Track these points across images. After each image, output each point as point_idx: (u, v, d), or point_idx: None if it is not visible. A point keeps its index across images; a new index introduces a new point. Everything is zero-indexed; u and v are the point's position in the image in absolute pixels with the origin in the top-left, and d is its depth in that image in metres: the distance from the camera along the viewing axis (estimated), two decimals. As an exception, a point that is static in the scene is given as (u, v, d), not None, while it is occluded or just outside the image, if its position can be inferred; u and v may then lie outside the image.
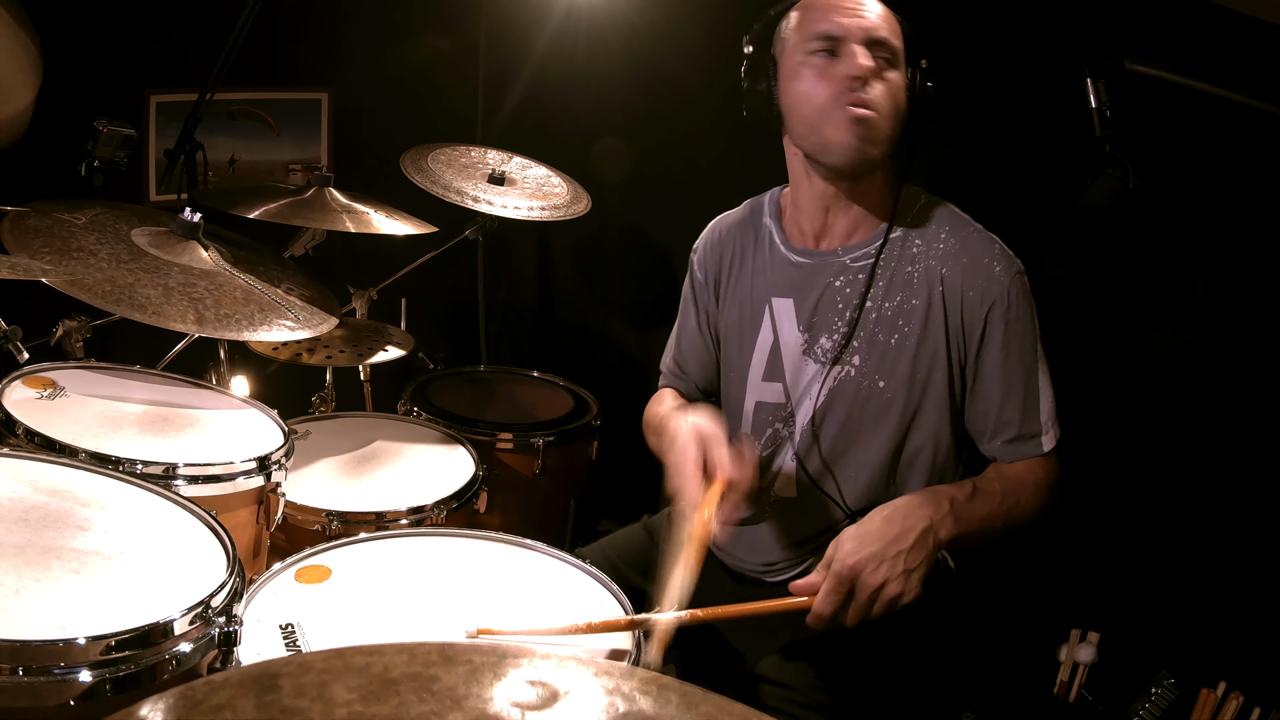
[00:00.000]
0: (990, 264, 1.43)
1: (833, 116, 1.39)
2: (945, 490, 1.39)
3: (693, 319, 1.72)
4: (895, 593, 1.26)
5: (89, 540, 1.20)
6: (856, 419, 1.50)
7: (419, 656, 0.56)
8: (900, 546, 1.28)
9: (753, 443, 1.56)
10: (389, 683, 0.54)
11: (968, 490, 1.40)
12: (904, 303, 1.46)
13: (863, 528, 1.31)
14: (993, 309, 1.42)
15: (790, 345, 1.55)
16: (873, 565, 1.26)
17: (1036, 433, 1.46)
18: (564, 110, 2.96)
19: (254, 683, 0.53)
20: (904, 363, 1.46)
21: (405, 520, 1.77)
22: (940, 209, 1.50)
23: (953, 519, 1.33)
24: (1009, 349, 1.43)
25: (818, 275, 1.52)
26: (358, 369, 2.38)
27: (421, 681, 0.54)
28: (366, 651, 0.56)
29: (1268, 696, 1.77)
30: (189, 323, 1.52)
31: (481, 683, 0.55)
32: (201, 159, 2.18)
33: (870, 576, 1.26)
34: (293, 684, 0.53)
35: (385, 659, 0.55)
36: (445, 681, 0.54)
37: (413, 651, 0.56)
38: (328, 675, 0.53)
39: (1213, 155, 1.84)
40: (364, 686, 0.53)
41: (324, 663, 0.55)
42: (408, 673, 0.54)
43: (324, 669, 0.54)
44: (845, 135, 1.39)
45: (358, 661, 0.55)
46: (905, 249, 1.47)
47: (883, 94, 1.39)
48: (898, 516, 1.31)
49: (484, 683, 0.55)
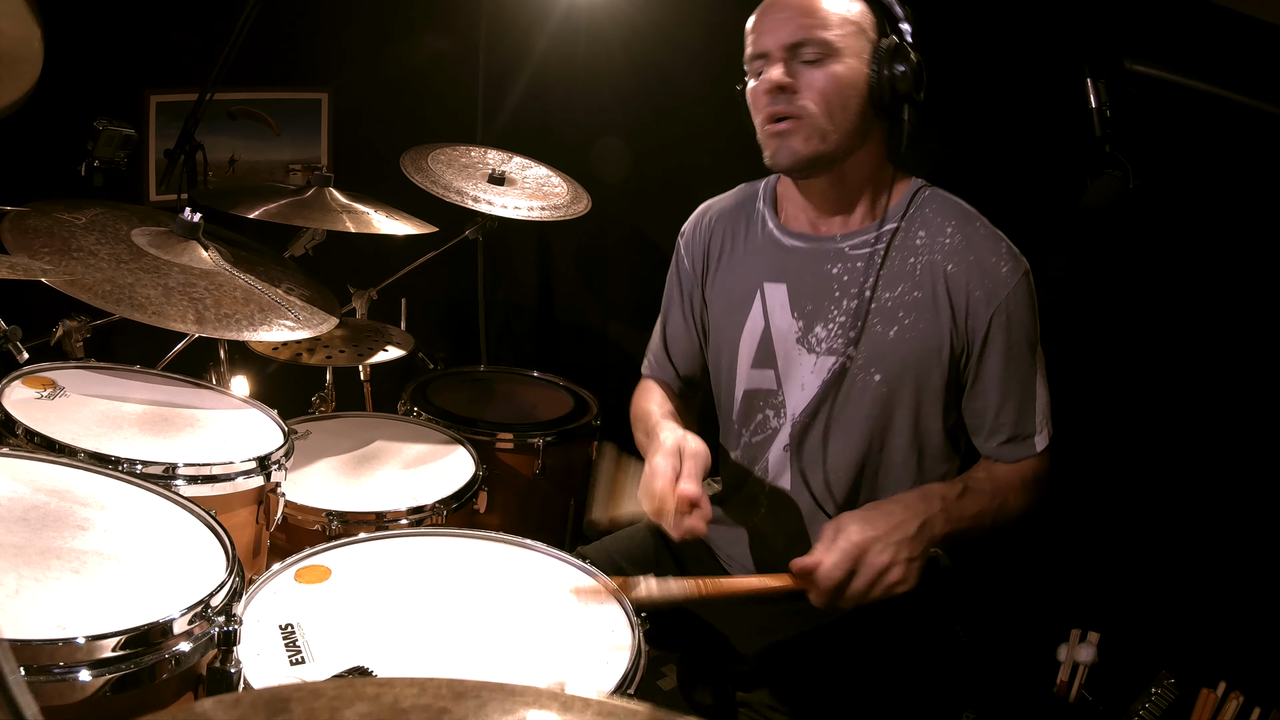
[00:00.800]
0: (998, 264, 1.41)
1: (763, 133, 1.44)
2: (937, 489, 1.40)
3: (678, 307, 1.70)
4: (896, 578, 1.27)
5: (89, 540, 1.20)
6: (851, 410, 1.48)
7: (429, 690, 0.57)
8: (902, 534, 1.29)
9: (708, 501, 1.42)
10: (399, 712, 0.55)
11: (958, 489, 1.41)
12: (905, 294, 1.44)
13: (866, 513, 1.32)
14: (998, 311, 1.41)
15: (782, 331, 1.53)
16: (879, 546, 1.27)
17: (1031, 434, 1.46)
18: (564, 110, 2.96)
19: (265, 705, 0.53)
20: (902, 354, 1.44)
21: (405, 520, 1.77)
22: (945, 201, 1.48)
23: (945, 516, 1.34)
24: (1011, 352, 1.43)
25: (813, 261, 1.51)
26: (358, 369, 2.38)
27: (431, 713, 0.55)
28: (378, 683, 0.58)
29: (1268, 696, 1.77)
30: (189, 323, 1.52)
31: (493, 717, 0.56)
32: (201, 159, 2.18)
33: (876, 557, 1.27)
34: (303, 708, 0.53)
35: (396, 690, 0.57)
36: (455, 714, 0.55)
37: (423, 685, 0.57)
38: (339, 702, 0.54)
39: (1213, 155, 1.84)
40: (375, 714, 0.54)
41: (335, 689, 0.56)
42: (418, 704, 0.56)
43: (335, 695, 0.55)
44: (772, 148, 1.43)
45: (369, 691, 0.56)
46: (907, 240, 1.46)
47: (811, 94, 1.38)
48: (897, 509, 1.32)
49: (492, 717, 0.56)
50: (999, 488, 1.44)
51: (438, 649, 1.22)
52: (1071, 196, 1.65)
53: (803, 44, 1.38)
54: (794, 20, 1.39)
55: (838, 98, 1.39)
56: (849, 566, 1.26)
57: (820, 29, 1.38)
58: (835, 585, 1.27)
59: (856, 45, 1.40)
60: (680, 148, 2.75)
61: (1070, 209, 1.67)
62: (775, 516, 1.57)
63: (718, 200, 1.69)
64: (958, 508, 1.37)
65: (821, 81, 1.39)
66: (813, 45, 1.38)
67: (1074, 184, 1.64)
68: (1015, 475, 1.46)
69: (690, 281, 1.67)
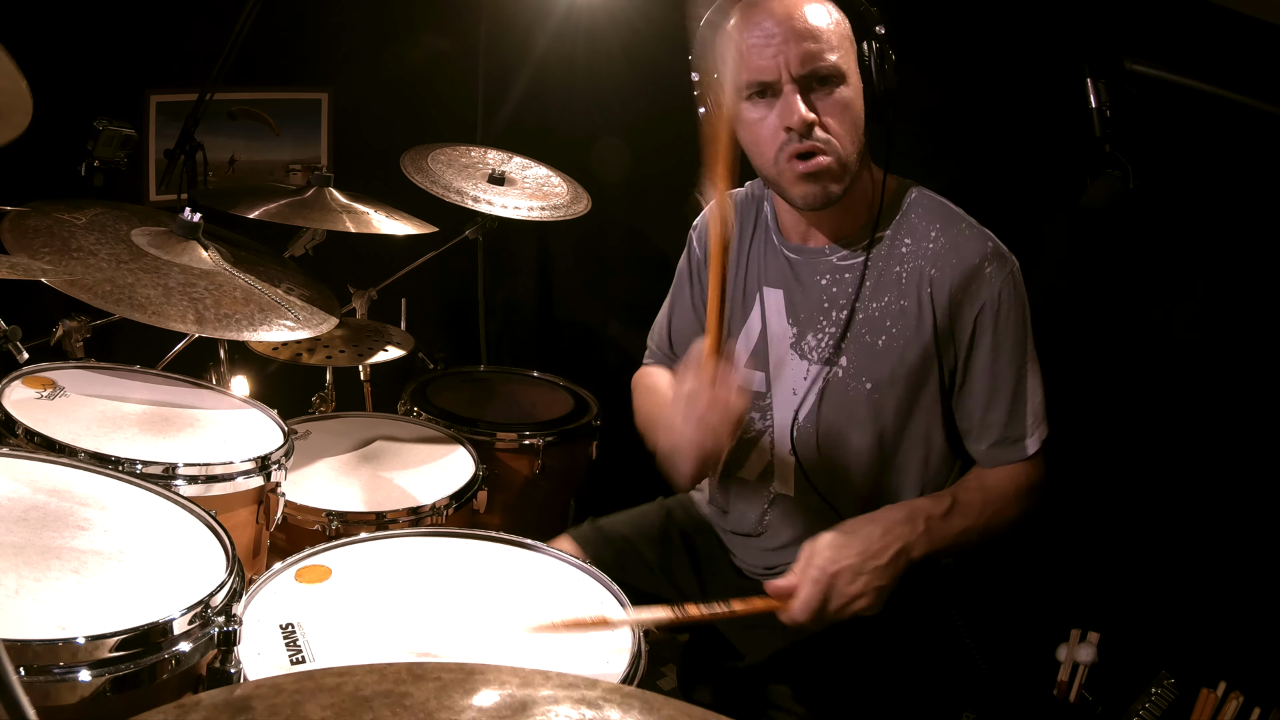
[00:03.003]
0: (981, 265, 1.39)
1: (784, 172, 1.36)
2: (923, 508, 1.38)
3: (686, 296, 1.70)
4: (863, 606, 1.28)
5: (89, 540, 1.20)
6: (846, 420, 1.48)
7: (389, 675, 0.58)
8: (876, 562, 1.29)
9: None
10: (361, 700, 0.55)
11: (946, 505, 1.39)
12: (892, 304, 1.43)
13: (841, 536, 1.31)
14: (982, 312, 1.40)
15: (778, 336, 1.53)
16: (849, 576, 1.27)
17: (1021, 436, 1.44)
18: (564, 110, 2.96)
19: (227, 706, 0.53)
20: (891, 364, 1.44)
21: (405, 520, 1.77)
22: (931, 204, 1.46)
23: (927, 540, 1.34)
24: (998, 352, 1.41)
25: (806, 272, 1.51)
26: (358, 369, 2.38)
27: (394, 698, 0.55)
28: (337, 673, 0.57)
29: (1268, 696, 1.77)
30: (189, 323, 1.52)
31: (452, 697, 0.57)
32: (201, 159, 2.18)
33: (847, 586, 1.27)
34: (265, 705, 0.54)
35: (356, 679, 0.57)
36: (417, 697, 0.56)
37: (382, 671, 0.58)
38: (300, 695, 0.55)
39: (1213, 155, 1.83)
40: (337, 704, 0.54)
41: (295, 684, 0.56)
42: (379, 690, 0.56)
43: (296, 689, 0.55)
44: (800, 188, 1.37)
45: (329, 682, 0.57)
46: (894, 249, 1.44)
47: (834, 126, 1.33)
48: (876, 532, 1.31)
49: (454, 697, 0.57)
50: (989, 499, 1.42)
51: (437, 649, 1.22)
52: (1071, 196, 1.65)
53: (817, 72, 1.32)
54: (801, 44, 1.30)
55: (853, 122, 1.35)
56: (821, 597, 1.27)
57: (829, 51, 1.32)
58: (805, 613, 1.28)
59: (852, 58, 1.36)
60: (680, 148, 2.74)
61: (1070, 209, 1.67)
62: (783, 524, 1.58)
63: (730, 194, 1.68)
64: (942, 527, 1.36)
65: (838, 109, 1.33)
66: (828, 69, 1.32)
67: (1074, 184, 1.64)
68: (1008, 484, 1.44)
69: (701, 271, 1.67)
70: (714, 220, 1.28)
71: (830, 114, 1.33)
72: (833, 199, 1.38)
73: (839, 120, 1.34)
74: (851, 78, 1.35)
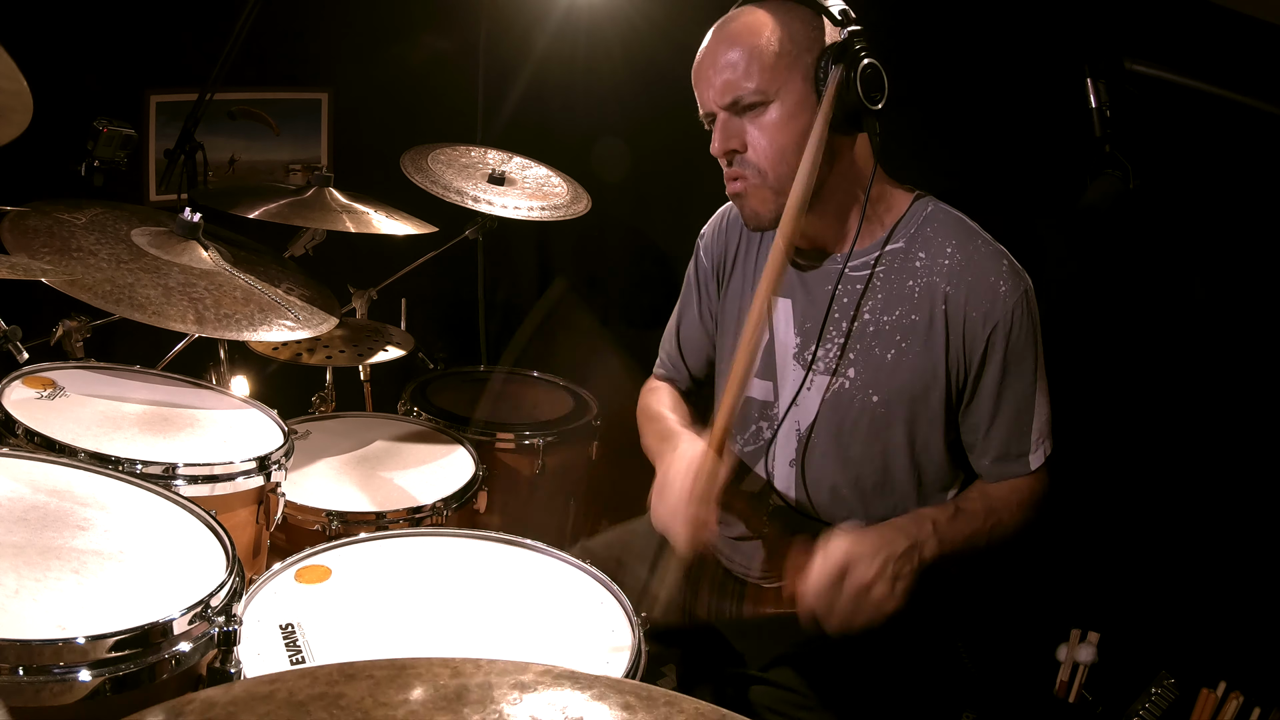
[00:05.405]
0: (996, 283, 1.38)
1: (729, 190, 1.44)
2: (928, 513, 1.39)
3: (694, 306, 1.70)
4: (882, 595, 1.27)
5: (89, 540, 1.20)
6: (851, 430, 1.47)
7: (320, 678, 0.58)
8: (889, 551, 1.29)
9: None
10: (297, 705, 0.55)
11: (950, 512, 1.40)
12: (903, 317, 1.42)
13: (855, 532, 1.31)
14: (995, 331, 1.39)
15: (785, 346, 1.53)
16: (864, 563, 1.27)
17: (1025, 451, 1.44)
18: (564, 110, 2.96)
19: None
20: (900, 378, 1.43)
21: (405, 520, 1.77)
22: (947, 218, 1.44)
23: (936, 540, 1.34)
24: (1008, 370, 1.41)
25: (817, 281, 1.50)
26: (358, 369, 2.38)
27: (328, 699, 0.56)
28: (268, 680, 0.58)
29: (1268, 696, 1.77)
30: (189, 323, 1.52)
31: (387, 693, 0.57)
32: (201, 159, 2.18)
33: (861, 573, 1.27)
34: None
35: (289, 684, 0.57)
36: (351, 697, 0.56)
37: (314, 674, 0.58)
38: (234, 707, 0.55)
39: (1213, 155, 1.84)
40: (272, 713, 0.54)
41: (226, 696, 0.56)
42: (313, 694, 0.56)
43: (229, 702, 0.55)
44: (737, 209, 1.46)
45: (262, 690, 0.56)
46: (907, 262, 1.43)
47: (762, 149, 1.36)
48: (888, 529, 1.32)
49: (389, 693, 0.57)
50: (992, 508, 1.43)
51: (437, 649, 1.22)
52: (1071, 197, 1.65)
53: (736, 101, 1.36)
54: (721, 76, 1.36)
55: (788, 142, 1.35)
56: (833, 578, 1.26)
57: (747, 80, 1.34)
58: (820, 598, 1.26)
59: (797, 73, 1.34)
60: (680, 148, 2.74)
61: (1070, 209, 1.67)
62: (780, 529, 1.57)
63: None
64: (950, 530, 1.37)
65: (763, 134, 1.36)
66: (746, 97, 1.35)
67: (1074, 184, 1.64)
68: (1011, 495, 1.45)
69: (709, 281, 1.67)
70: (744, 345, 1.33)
71: (755, 140, 1.37)
72: (764, 220, 1.41)
73: (768, 142, 1.36)
74: (787, 96, 1.34)
